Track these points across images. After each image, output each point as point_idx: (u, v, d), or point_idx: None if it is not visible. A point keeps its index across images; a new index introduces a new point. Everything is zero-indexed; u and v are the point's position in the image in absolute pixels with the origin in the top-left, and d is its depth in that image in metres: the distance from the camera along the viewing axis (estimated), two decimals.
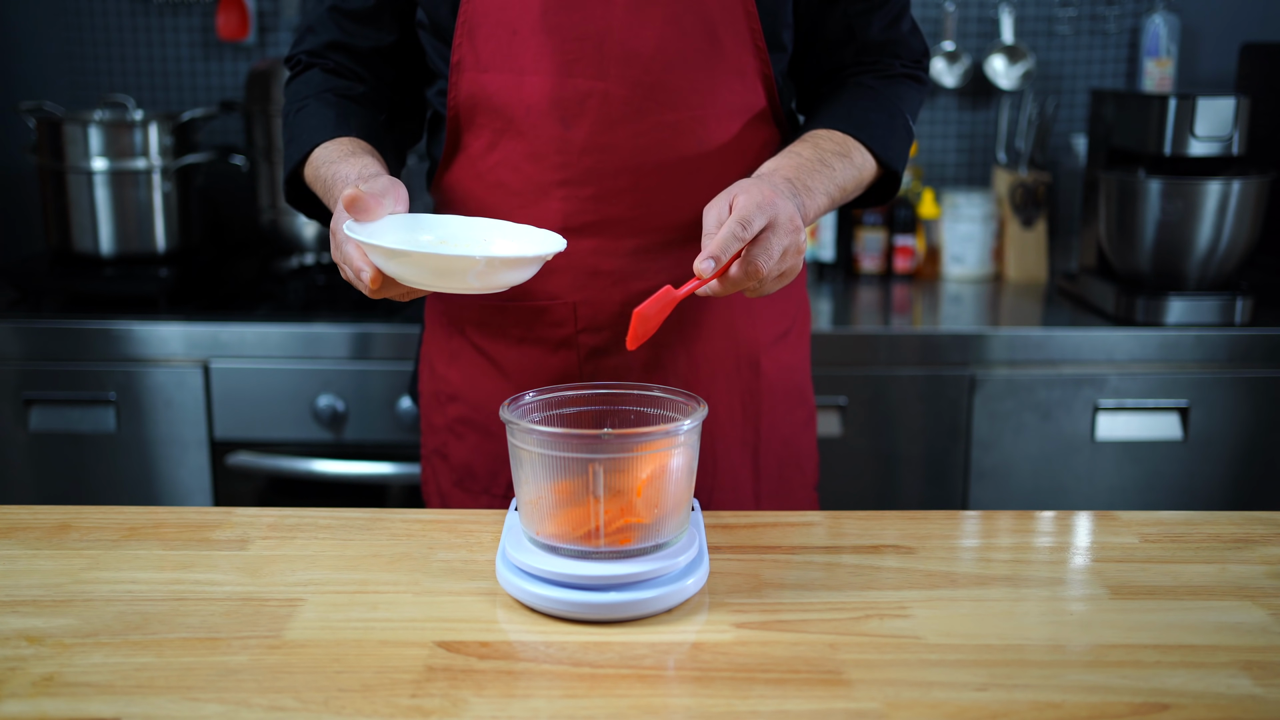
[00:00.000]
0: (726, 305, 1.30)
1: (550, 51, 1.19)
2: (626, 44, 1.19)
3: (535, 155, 1.23)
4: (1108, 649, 0.89)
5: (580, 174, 1.22)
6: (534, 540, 0.97)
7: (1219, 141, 2.10)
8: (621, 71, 1.19)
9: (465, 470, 1.35)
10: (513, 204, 1.25)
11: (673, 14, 1.20)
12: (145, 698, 0.81)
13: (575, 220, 1.24)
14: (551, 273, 1.26)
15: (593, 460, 0.94)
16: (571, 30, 1.19)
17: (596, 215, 1.24)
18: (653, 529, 0.96)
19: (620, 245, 1.25)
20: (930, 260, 2.53)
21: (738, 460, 1.34)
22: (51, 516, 1.13)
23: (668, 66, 1.20)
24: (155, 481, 2.12)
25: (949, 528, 1.13)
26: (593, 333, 1.27)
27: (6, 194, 2.69)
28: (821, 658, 0.87)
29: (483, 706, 0.80)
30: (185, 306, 2.19)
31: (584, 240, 1.24)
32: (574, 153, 1.22)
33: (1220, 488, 2.12)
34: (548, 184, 1.23)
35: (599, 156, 1.22)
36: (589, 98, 1.20)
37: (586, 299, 1.26)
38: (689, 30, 1.20)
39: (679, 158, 1.22)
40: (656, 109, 1.21)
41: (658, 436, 0.96)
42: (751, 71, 1.24)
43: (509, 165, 1.24)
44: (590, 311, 1.27)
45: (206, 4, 2.60)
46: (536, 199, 1.24)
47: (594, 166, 1.22)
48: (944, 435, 2.09)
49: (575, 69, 1.20)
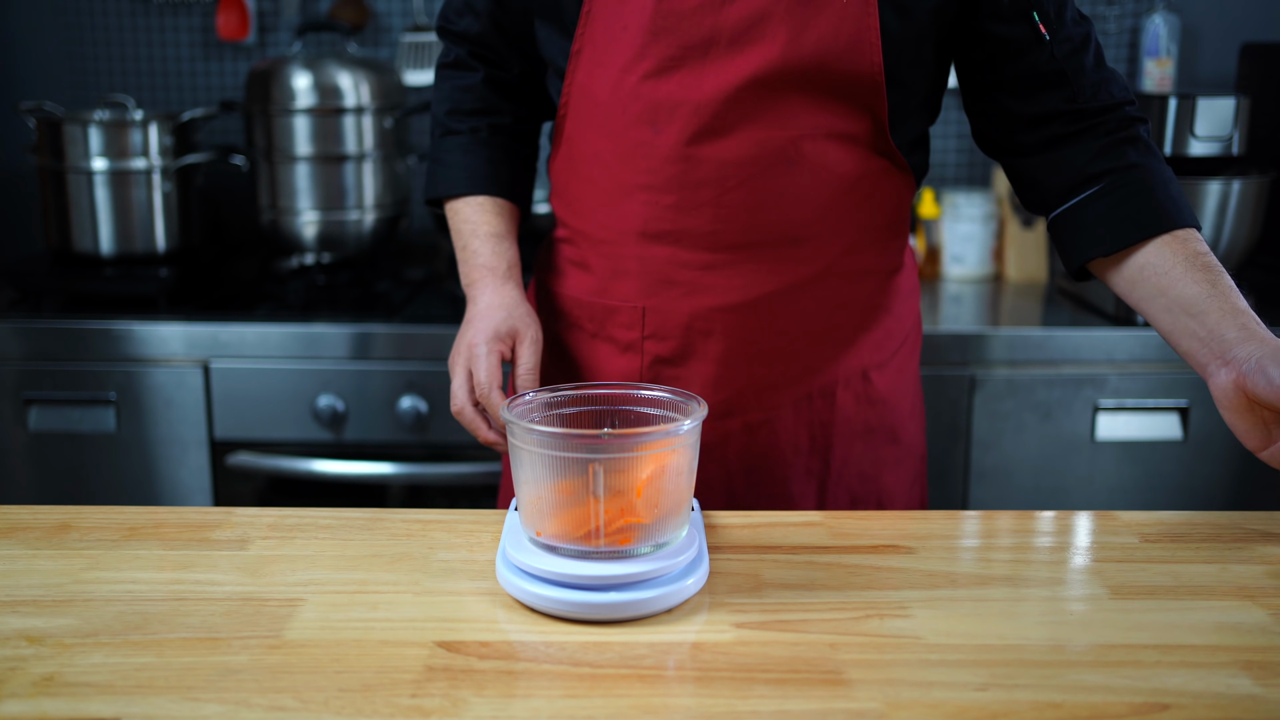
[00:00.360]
0: (804, 334, 1.27)
1: (653, 53, 1.18)
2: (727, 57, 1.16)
3: (623, 156, 1.22)
4: (1108, 649, 0.89)
5: (664, 180, 1.21)
6: (534, 540, 0.97)
7: (1219, 141, 2.10)
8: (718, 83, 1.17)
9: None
10: (598, 200, 1.26)
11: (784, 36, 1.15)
12: (145, 698, 0.81)
13: (654, 226, 1.23)
14: (625, 275, 1.26)
15: (593, 460, 0.94)
16: (678, 35, 1.17)
17: (675, 224, 1.22)
18: (653, 529, 0.96)
19: (695, 257, 1.23)
20: (930, 260, 2.53)
21: (798, 489, 1.31)
22: (51, 516, 1.13)
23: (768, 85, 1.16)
24: (155, 481, 2.12)
25: (949, 528, 1.13)
26: (658, 340, 1.27)
27: (6, 194, 2.69)
28: (821, 658, 0.87)
29: (483, 706, 0.80)
30: (185, 306, 2.19)
31: (660, 247, 1.24)
32: (660, 159, 1.20)
33: (1220, 488, 2.12)
34: (631, 186, 1.22)
35: (684, 166, 1.20)
36: (681, 105, 1.18)
37: (655, 306, 1.26)
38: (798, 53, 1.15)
39: (764, 176, 1.19)
40: (747, 125, 1.18)
41: (658, 436, 0.96)
42: (861, 101, 1.18)
43: (599, 162, 1.24)
44: (657, 319, 1.26)
45: (206, 4, 2.60)
46: (619, 199, 1.24)
47: (678, 175, 1.20)
48: (944, 435, 2.09)
49: (673, 75, 1.18)
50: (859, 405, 1.31)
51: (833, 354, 1.29)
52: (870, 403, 1.32)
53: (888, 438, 1.34)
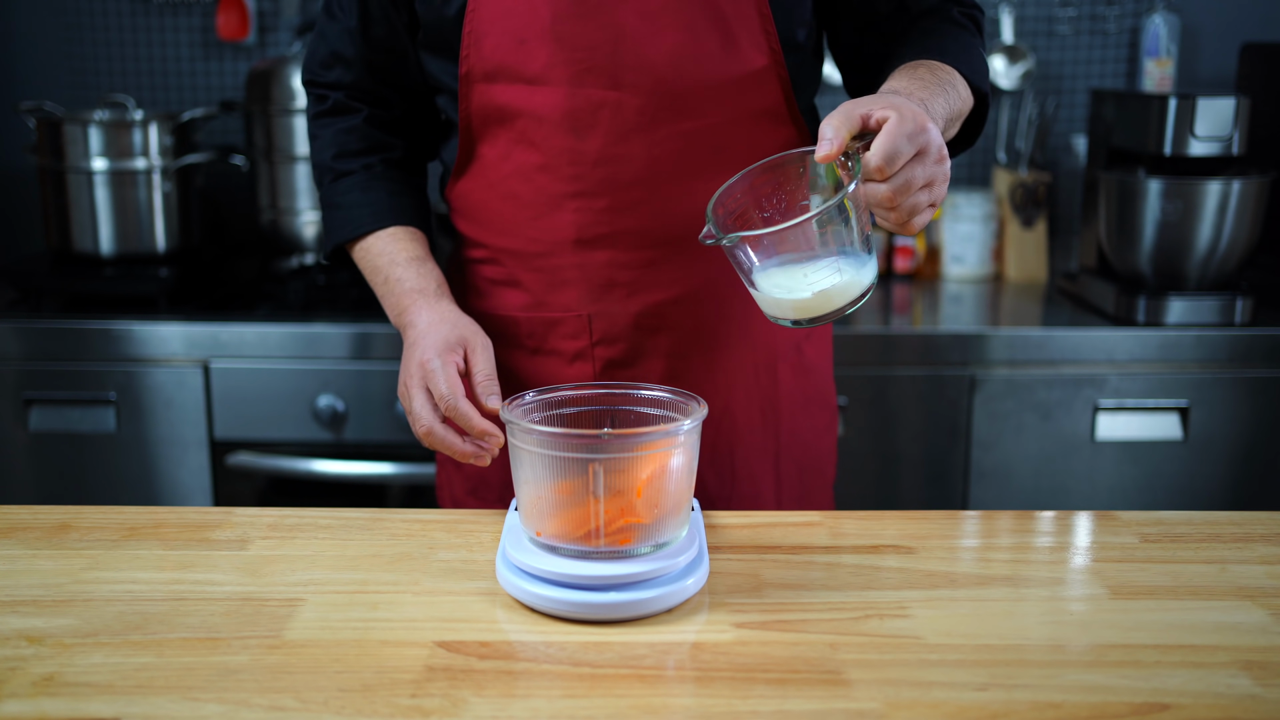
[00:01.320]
0: (744, 314, 1.29)
1: (561, 61, 1.17)
2: (640, 52, 1.17)
3: (547, 167, 1.21)
4: (1108, 649, 0.89)
5: (594, 185, 1.21)
6: (534, 540, 0.97)
7: (1219, 141, 2.10)
8: (635, 80, 1.17)
9: (479, 479, 1.35)
10: (525, 216, 1.24)
11: (686, 20, 1.17)
12: (145, 698, 0.81)
13: (589, 232, 1.22)
14: (565, 285, 1.25)
15: (593, 460, 0.94)
16: (583, 39, 1.17)
17: (610, 227, 1.22)
18: (653, 529, 0.96)
19: (635, 257, 1.23)
20: (930, 260, 2.53)
21: (758, 468, 1.33)
22: (51, 516, 1.13)
23: (682, 74, 1.18)
24: (155, 481, 2.12)
25: (949, 528, 1.13)
26: (608, 345, 1.26)
27: (6, 194, 2.69)
28: (821, 658, 0.87)
29: (483, 706, 0.80)
30: (185, 306, 2.19)
31: (598, 252, 1.23)
32: (587, 164, 1.20)
33: (1220, 488, 2.12)
34: (560, 196, 1.22)
35: (612, 168, 1.20)
36: (602, 108, 1.18)
37: (601, 311, 1.25)
38: (703, 35, 1.18)
39: (694, 166, 1.20)
40: (671, 118, 1.19)
41: (658, 436, 0.96)
42: (767, 74, 1.21)
43: (521, 176, 1.23)
44: (605, 323, 1.26)
45: (206, 4, 2.60)
46: (549, 211, 1.23)
47: (607, 178, 1.20)
48: (944, 435, 2.09)
49: (587, 79, 1.17)
50: (797, 377, 1.35)
51: (770, 330, 1.31)
52: (805, 372, 1.36)
53: (821, 404, 1.39)
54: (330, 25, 1.30)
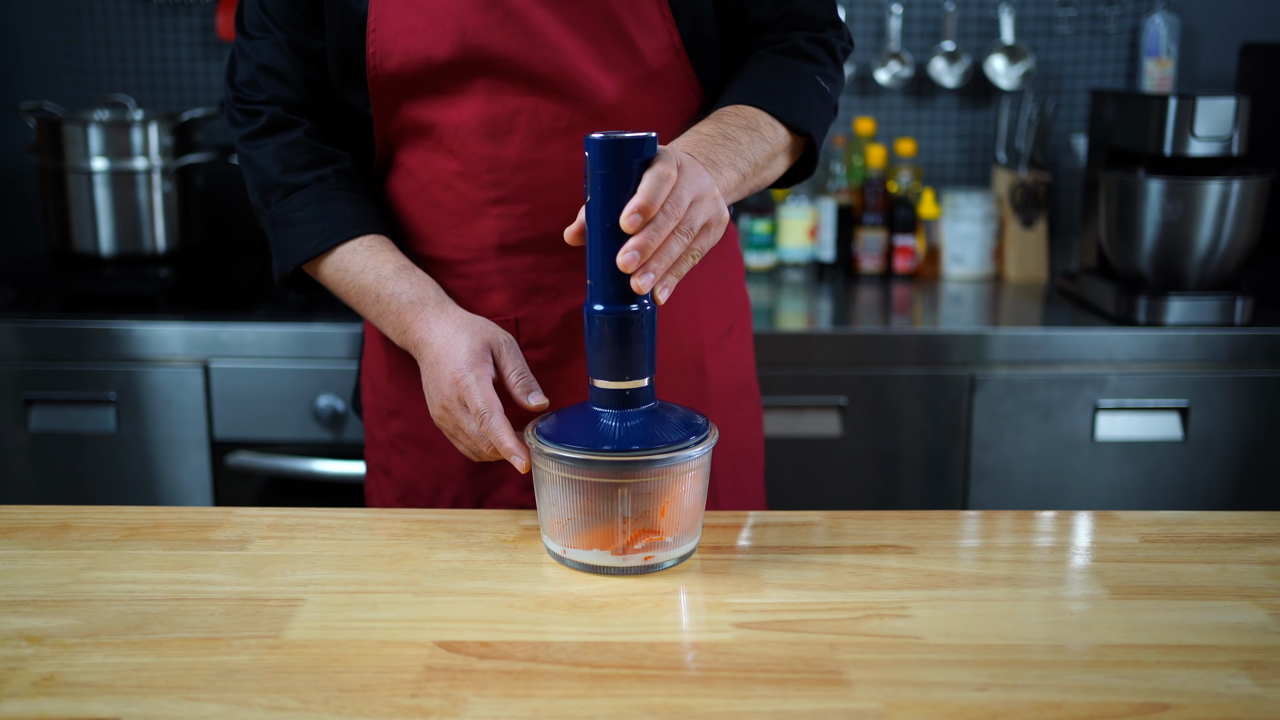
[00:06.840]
0: (668, 310, 1.29)
1: (474, 73, 1.18)
2: (549, 60, 1.17)
3: (467, 174, 1.21)
4: (1108, 649, 0.89)
5: (514, 191, 1.21)
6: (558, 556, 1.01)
7: (1219, 141, 2.10)
8: (548, 86, 1.18)
9: (408, 486, 1.34)
10: (447, 223, 1.24)
11: (589, 29, 1.17)
12: (145, 698, 0.81)
13: (511, 238, 1.23)
14: (490, 291, 1.25)
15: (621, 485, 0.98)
16: (493, 50, 1.17)
17: (533, 232, 1.22)
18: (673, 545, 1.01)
19: (558, 260, 1.23)
20: (930, 260, 2.53)
21: None
22: (51, 516, 1.13)
23: (591, 79, 1.18)
24: (155, 481, 2.12)
25: (949, 528, 1.13)
26: (535, 348, 1.26)
27: (6, 194, 2.69)
28: (821, 658, 0.87)
29: (483, 706, 0.80)
30: (185, 306, 2.19)
31: (521, 257, 1.23)
32: (506, 170, 1.20)
33: (1220, 488, 2.12)
34: (481, 202, 1.22)
35: (532, 173, 1.20)
36: (518, 114, 1.19)
37: (527, 315, 1.25)
38: (605, 42, 1.18)
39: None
40: (586, 122, 1.19)
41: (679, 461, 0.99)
42: (675, 74, 1.22)
43: (440, 184, 1.23)
44: (532, 327, 1.26)
45: (206, 4, 2.60)
46: (470, 218, 1.23)
47: (527, 183, 1.21)
48: (944, 435, 2.09)
49: (502, 86, 1.18)
50: (724, 370, 1.35)
51: (695, 325, 1.32)
52: (730, 366, 1.37)
53: (748, 395, 1.40)
54: (252, 44, 1.27)
